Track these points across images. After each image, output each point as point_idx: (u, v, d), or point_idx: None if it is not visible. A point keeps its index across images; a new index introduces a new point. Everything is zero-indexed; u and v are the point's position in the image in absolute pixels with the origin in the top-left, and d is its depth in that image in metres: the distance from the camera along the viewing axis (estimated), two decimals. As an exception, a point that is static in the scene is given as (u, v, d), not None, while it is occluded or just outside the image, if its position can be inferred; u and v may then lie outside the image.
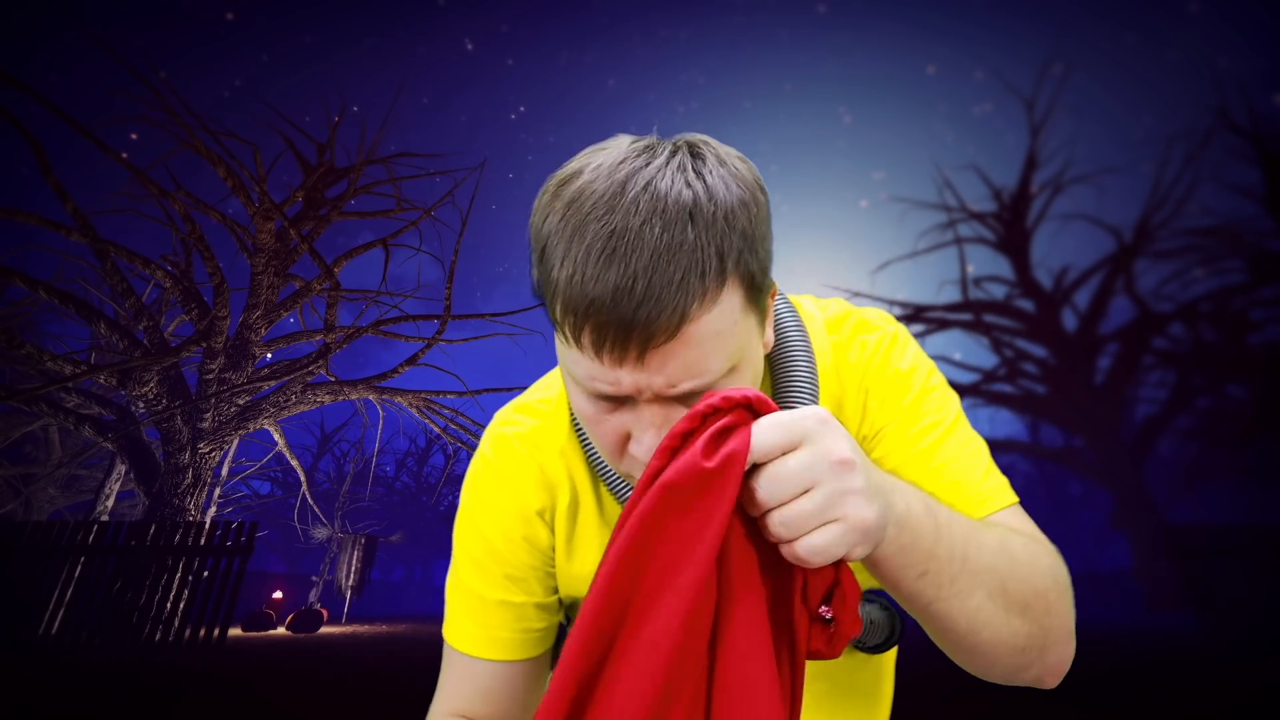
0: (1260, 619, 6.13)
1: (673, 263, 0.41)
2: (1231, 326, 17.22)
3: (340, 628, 13.53)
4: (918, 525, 0.43)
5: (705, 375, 0.44)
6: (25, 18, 71.59)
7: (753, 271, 0.45)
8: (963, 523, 0.47)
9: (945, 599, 0.45)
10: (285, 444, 11.52)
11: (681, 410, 0.46)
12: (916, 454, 0.58)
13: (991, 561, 0.46)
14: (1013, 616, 0.47)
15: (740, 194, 0.45)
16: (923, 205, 22.87)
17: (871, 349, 0.63)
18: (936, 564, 0.44)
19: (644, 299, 0.40)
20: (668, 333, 0.42)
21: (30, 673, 4.97)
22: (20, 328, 13.56)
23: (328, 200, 12.09)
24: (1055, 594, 0.50)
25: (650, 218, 0.41)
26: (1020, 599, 0.47)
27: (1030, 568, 0.49)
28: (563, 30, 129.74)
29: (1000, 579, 0.46)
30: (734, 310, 0.44)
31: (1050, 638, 0.49)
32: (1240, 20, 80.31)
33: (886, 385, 0.61)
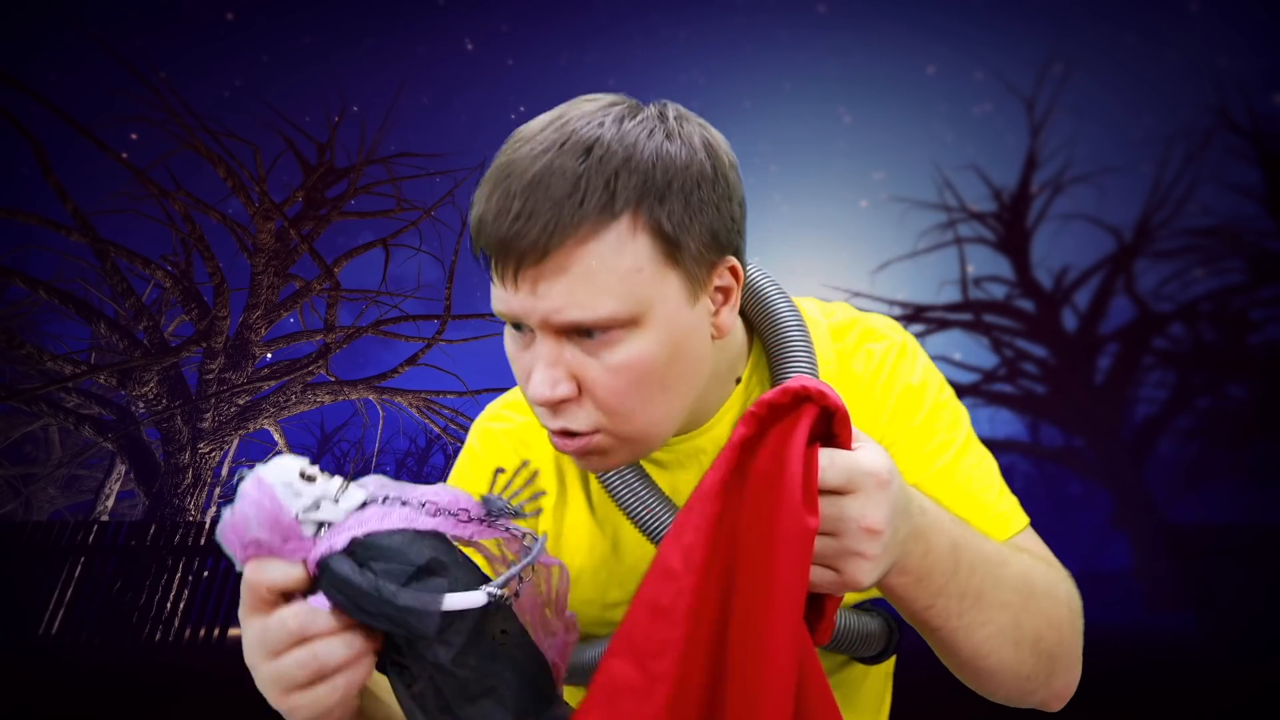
0: (1260, 619, 6.13)
1: (552, 186, 0.42)
2: (1231, 326, 17.22)
3: (340, 628, 13.50)
4: (931, 570, 0.43)
5: (589, 309, 0.43)
6: (25, 18, 71.61)
7: (661, 220, 0.44)
8: (986, 561, 0.45)
9: (951, 630, 0.45)
10: (285, 444, 11.52)
11: (577, 351, 0.46)
12: (932, 475, 0.56)
13: (1008, 598, 0.46)
14: (1022, 649, 0.47)
15: (666, 147, 0.45)
16: (923, 205, 22.87)
17: (879, 360, 0.60)
18: (944, 600, 0.44)
19: (516, 216, 0.42)
20: (537, 253, 0.43)
21: (30, 673, 4.98)
22: (20, 328, 13.56)
23: (328, 200, 12.09)
24: (1068, 625, 0.50)
25: (548, 150, 0.43)
26: (1032, 632, 0.47)
27: (1048, 600, 0.49)
28: (563, 30, 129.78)
29: (1014, 614, 0.46)
30: (633, 253, 0.44)
31: (1058, 665, 0.49)
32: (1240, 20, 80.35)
33: (897, 401, 0.59)
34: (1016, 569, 0.48)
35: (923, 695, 3.91)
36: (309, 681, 0.34)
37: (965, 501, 0.55)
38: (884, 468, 0.37)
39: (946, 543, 0.43)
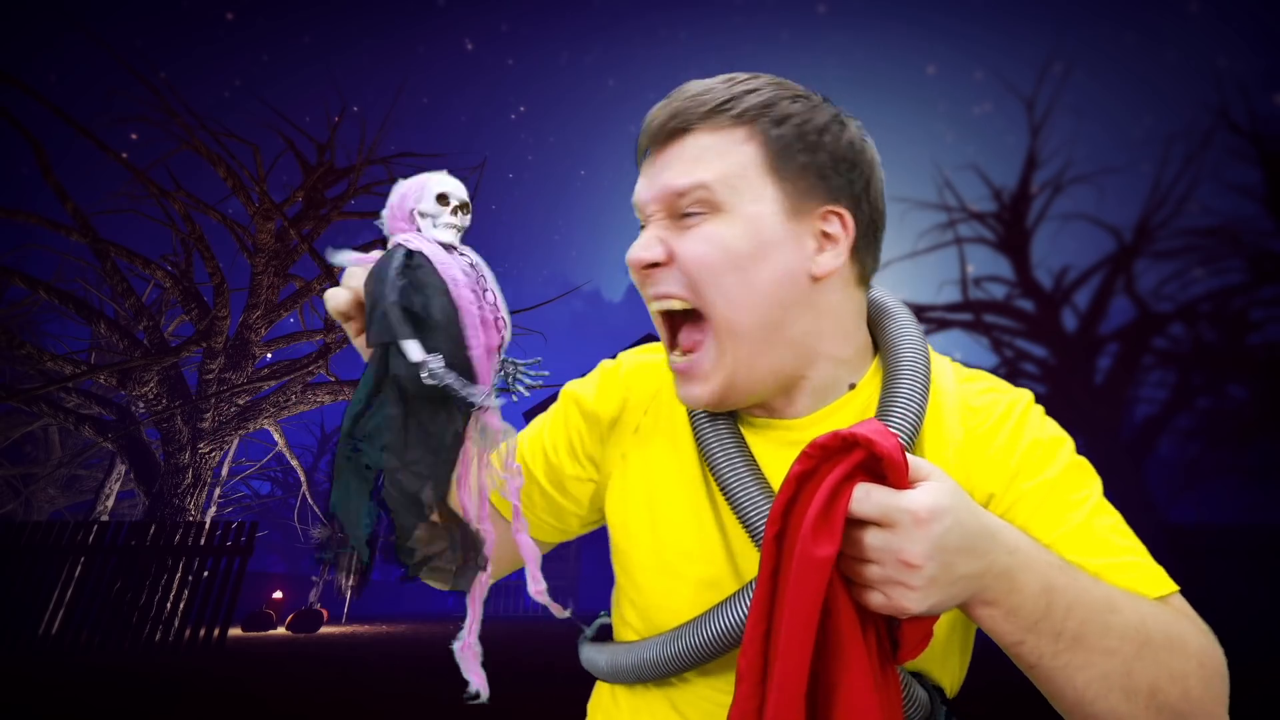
0: (1260, 619, 6.13)
1: (695, 96, 0.57)
2: (1231, 326, 17.22)
3: (340, 628, 13.52)
4: (1020, 607, 0.44)
5: (685, 176, 0.56)
6: (25, 18, 71.55)
7: (771, 138, 0.56)
8: (1089, 605, 0.45)
9: (1047, 669, 0.45)
10: (285, 444, 11.51)
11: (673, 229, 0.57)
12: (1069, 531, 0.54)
13: (1114, 645, 0.45)
14: (1135, 700, 0.45)
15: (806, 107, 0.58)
16: (923, 205, 22.86)
17: (1007, 406, 0.61)
18: (1035, 639, 0.44)
19: (667, 112, 0.57)
20: (665, 135, 0.57)
21: (30, 673, 4.98)
22: (20, 328, 13.57)
23: (328, 200, 12.09)
24: (1196, 679, 0.46)
25: (716, 80, 0.59)
26: (1148, 683, 0.45)
27: (1169, 651, 0.46)
28: (563, 30, 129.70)
29: (1123, 661, 0.45)
30: (740, 154, 0.56)
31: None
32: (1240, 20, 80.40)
33: (1027, 451, 0.58)
34: (1130, 617, 0.46)
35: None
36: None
37: (1105, 556, 0.53)
38: (925, 506, 0.40)
39: (1038, 584, 0.44)
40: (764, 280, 0.55)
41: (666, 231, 0.57)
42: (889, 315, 0.67)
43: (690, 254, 0.56)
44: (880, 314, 0.67)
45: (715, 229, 0.55)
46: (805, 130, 0.56)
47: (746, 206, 0.55)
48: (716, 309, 0.56)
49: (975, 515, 0.42)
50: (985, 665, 4.00)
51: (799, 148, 0.56)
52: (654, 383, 0.70)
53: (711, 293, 0.55)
